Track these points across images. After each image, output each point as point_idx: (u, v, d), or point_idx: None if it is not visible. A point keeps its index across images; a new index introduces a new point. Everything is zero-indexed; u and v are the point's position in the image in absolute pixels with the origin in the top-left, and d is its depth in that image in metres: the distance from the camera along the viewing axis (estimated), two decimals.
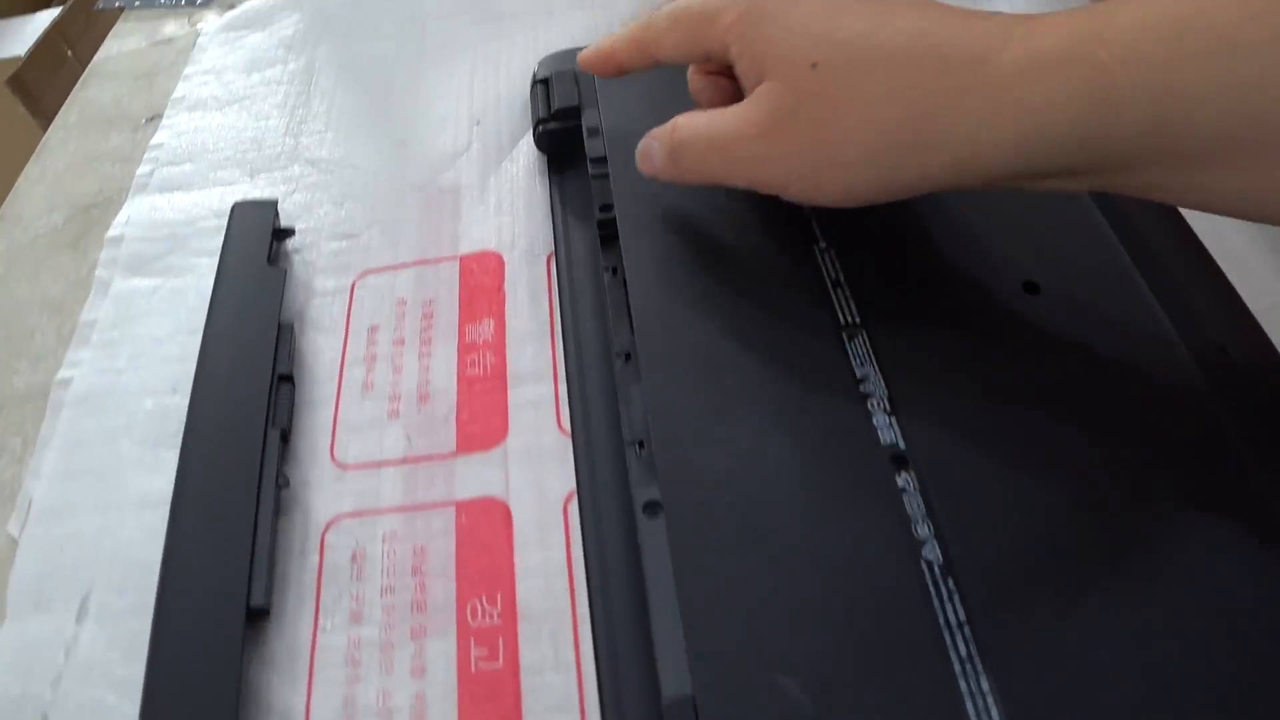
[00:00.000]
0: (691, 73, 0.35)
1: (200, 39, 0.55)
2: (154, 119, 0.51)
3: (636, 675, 0.27)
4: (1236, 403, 0.28)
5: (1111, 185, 0.26)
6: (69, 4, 0.80)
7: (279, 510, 0.32)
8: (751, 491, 0.27)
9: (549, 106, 0.41)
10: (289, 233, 0.41)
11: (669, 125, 0.32)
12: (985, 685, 0.23)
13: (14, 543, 0.33)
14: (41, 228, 0.46)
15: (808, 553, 0.26)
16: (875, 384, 0.29)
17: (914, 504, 0.26)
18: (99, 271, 0.42)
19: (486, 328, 0.36)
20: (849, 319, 0.31)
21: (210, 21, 0.57)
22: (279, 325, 0.36)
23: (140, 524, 0.33)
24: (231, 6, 0.58)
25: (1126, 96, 0.23)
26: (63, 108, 0.53)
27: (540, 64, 0.44)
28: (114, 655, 0.30)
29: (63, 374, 0.38)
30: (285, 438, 0.34)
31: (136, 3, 0.60)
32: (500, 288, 0.37)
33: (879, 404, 0.29)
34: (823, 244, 0.34)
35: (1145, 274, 0.32)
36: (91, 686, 0.29)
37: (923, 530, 0.26)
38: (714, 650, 0.24)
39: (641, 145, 0.33)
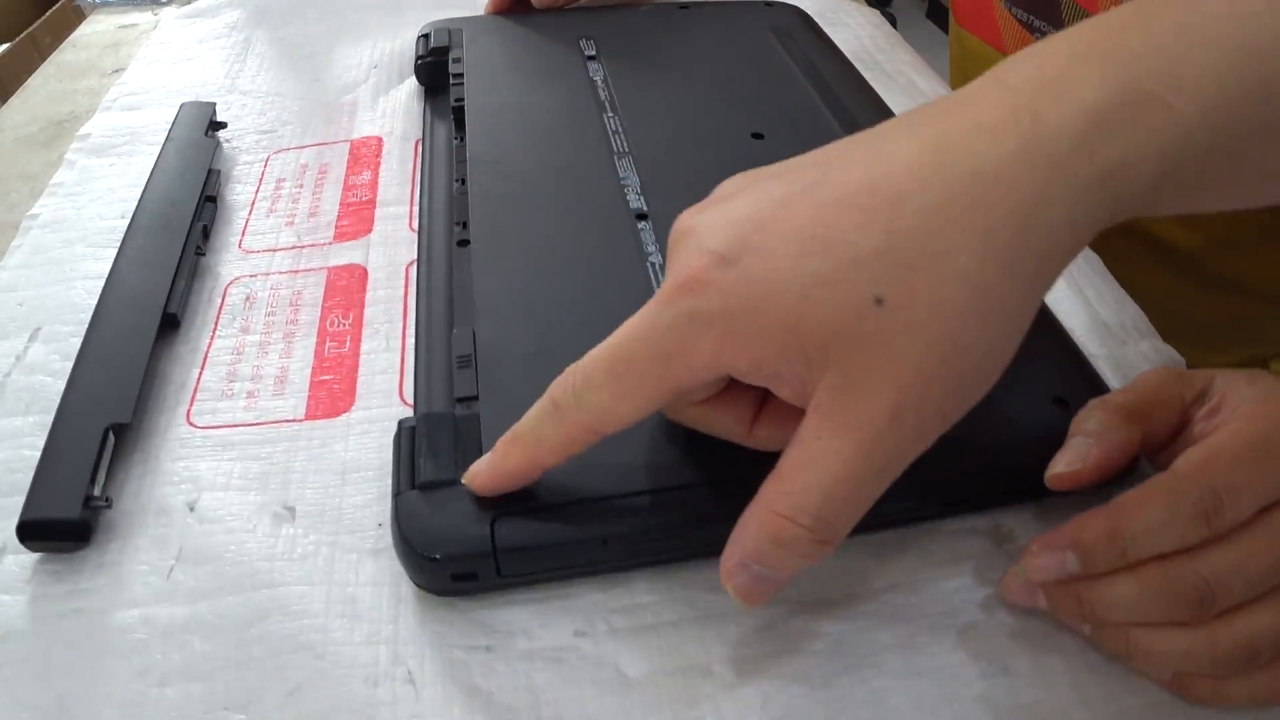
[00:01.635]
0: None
1: (159, 24, 0.69)
2: (119, 71, 0.63)
3: (440, 349, 0.38)
4: None
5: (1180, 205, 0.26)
6: (46, 16, 0.93)
7: (195, 270, 0.43)
8: (536, 229, 0.40)
9: (428, 46, 0.55)
10: (222, 125, 0.53)
11: (761, 517, 0.24)
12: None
13: None
14: (20, 133, 0.58)
15: (573, 257, 0.38)
16: (630, 179, 0.42)
17: (648, 238, 0.39)
18: (68, 155, 0.54)
19: (365, 177, 0.49)
20: (620, 148, 0.45)
21: (168, 12, 0.71)
22: (209, 170, 0.48)
23: (85, 289, 0.44)
24: (187, 3, 0.72)
25: (1181, 113, 0.24)
26: (40, 66, 0.66)
27: (424, 27, 0.58)
28: (54, 357, 0.40)
29: (31, 211, 0.49)
30: (206, 233, 0.45)
31: (109, 1, 0.74)
32: (379, 155, 0.50)
33: (633, 189, 0.42)
34: (609, 113, 0.47)
35: (835, 117, 0.47)
36: (34, 375, 0.40)
37: (655, 258, 0.38)
38: (496, 311, 0.36)
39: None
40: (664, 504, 0.29)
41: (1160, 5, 0.25)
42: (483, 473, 0.28)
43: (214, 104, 0.53)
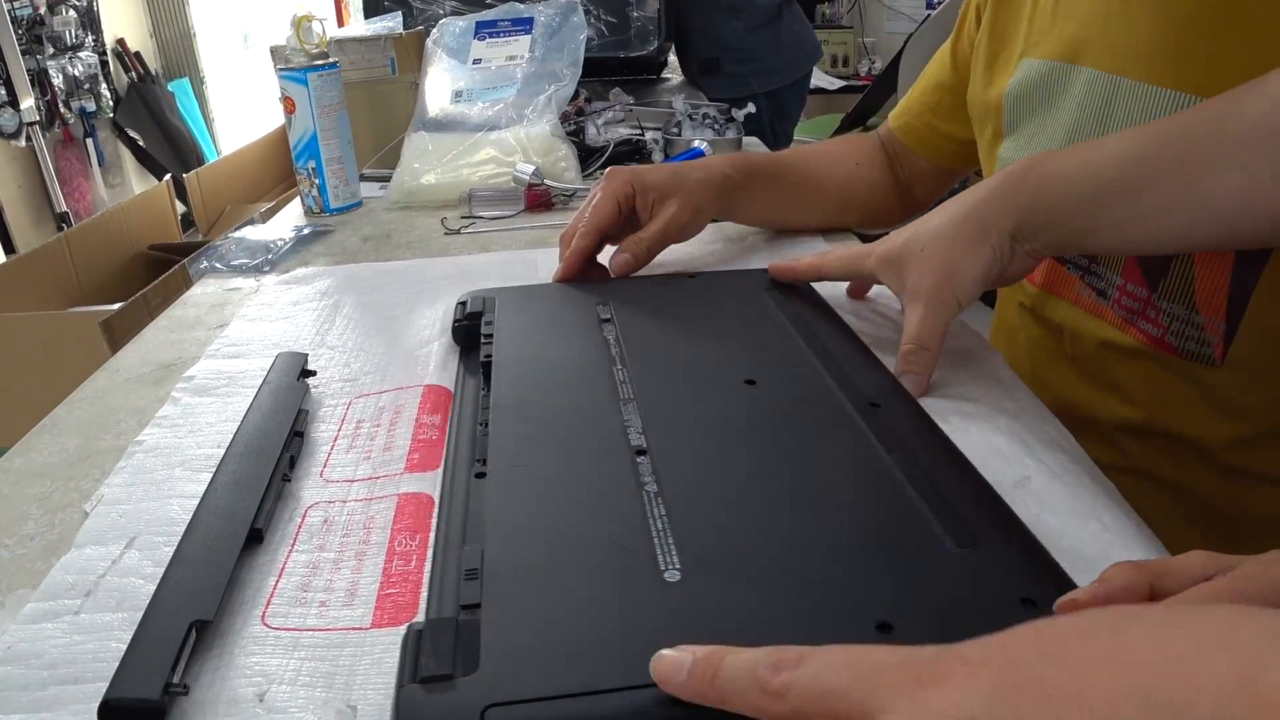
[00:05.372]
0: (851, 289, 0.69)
1: (261, 289, 0.79)
2: (222, 326, 0.72)
3: (453, 565, 0.40)
4: (880, 430, 0.47)
5: (1069, 239, 0.54)
6: (158, 281, 1.06)
7: (281, 494, 0.48)
8: (545, 464, 0.45)
9: (464, 311, 0.64)
10: (312, 373, 0.60)
11: (905, 341, 0.55)
12: (676, 558, 0.38)
13: (86, 515, 0.49)
14: (133, 374, 0.65)
15: (576, 486, 0.43)
16: (633, 420, 0.48)
17: (646, 470, 0.44)
18: (174, 394, 0.61)
19: (435, 418, 0.55)
20: (626, 395, 0.51)
21: (269, 279, 0.81)
22: (299, 410, 0.54)
23: (180, 506, 0.48)
24: (285, 272, 0.82)
25: (1048, 185, 0.54)
26: (154, 320, 0.75)
27: (462, 295, 0.67)
28: (146, 563, 0.44)
29: (138, 439, 0.55)
30: (293, 463, 0.51)
31: (218, 266, 0.85)
32: (449, 399, 0.57)
33: (635, 429, 0.47)
34: (618, 366, 0.54)
35: (823, 364, 0.53)
36: (126, 578, 0.44)
37: (650, 487, 0.43)
38: (504, 533, 0.40)
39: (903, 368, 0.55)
40: (667, 700, 0.31)
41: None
42: (779, 267, 0.66)
43: (306, 354, 0.61)
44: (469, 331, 0.63)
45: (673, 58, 1.99)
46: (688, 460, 0.45)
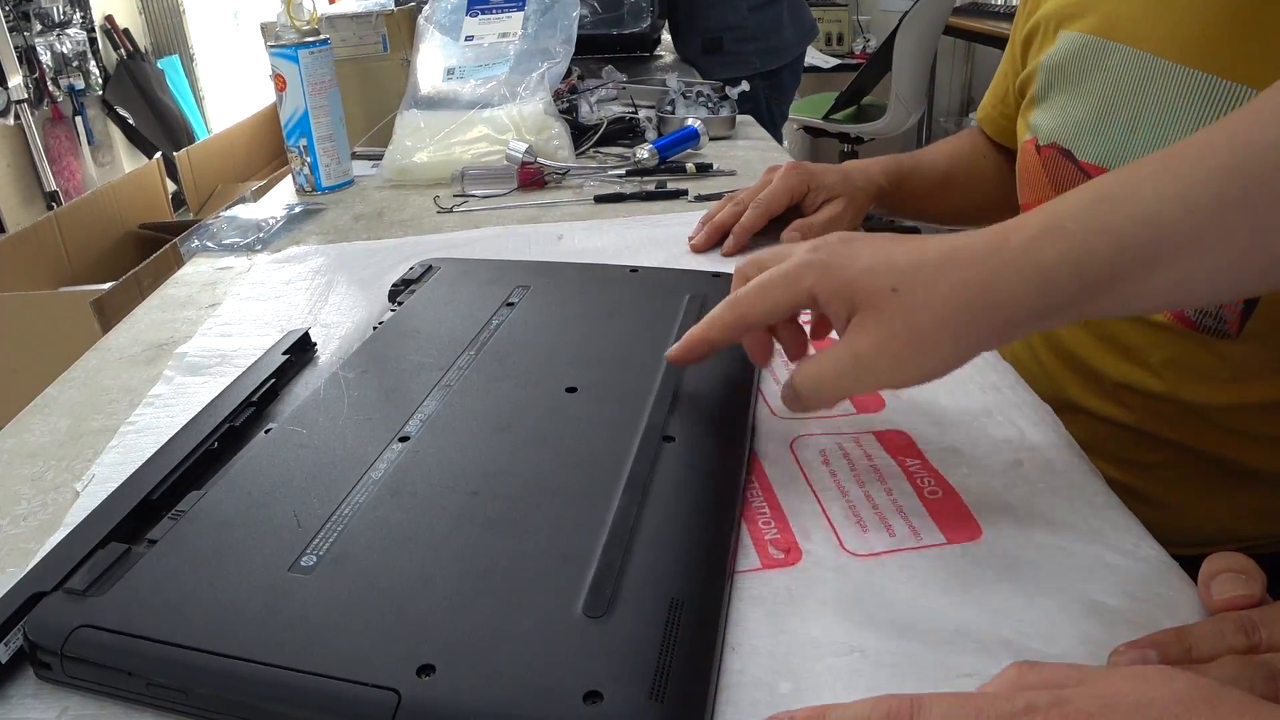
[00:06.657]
0: (755, 336, 0.47)
1: (253, 267, 0.78)
2: (215, 305, 0.72)
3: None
4: (642, 469, 0.43)
5: (1102, 309, 0.40)
6: (149, 260, 1.05)
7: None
8: (324, 430, 0.47)
9: (402, 277, 0.65)
10: (311, 345, 0.60)
11: (792, 377, 0.43)
12: (326, 547, 0.38)
13: (78, 494, 0.49)
14: (125, 353, 0.65)
15: (326, 458, 0.44)
16: (428, 408, 0.48)
17: (389, 458, 0.44)
18: (166, 373, 0.60)
19: None
20: (448, 381, 0.51)
21: (260, 258, 0.80)
22: (268, 380, 0.54)
23: None
24: (278, 250, 0.82)
25: (1087, 242, 0.38)
26: (145, 299, 0.75)
27: (414, 263, 0.68)
28: None
29: (129, 419, 0.55)
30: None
31: (210, 245, 0.84)
32: None
33: (421, 416, 0.48)
34: (470, 351, 0.54)
35: (663, 383, 0.49)
36: None
37: (376, 473, 0.43)
38: (237, 487, 0.42)
39: (783, 394, 0.44)
40: (246, 671, 0.33)
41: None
42: (678, 351, 0.47)
43: (308, 328, 0.61)
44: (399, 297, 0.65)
45: (666, 36, 1.97)
46: (433, 459, 0.44)
